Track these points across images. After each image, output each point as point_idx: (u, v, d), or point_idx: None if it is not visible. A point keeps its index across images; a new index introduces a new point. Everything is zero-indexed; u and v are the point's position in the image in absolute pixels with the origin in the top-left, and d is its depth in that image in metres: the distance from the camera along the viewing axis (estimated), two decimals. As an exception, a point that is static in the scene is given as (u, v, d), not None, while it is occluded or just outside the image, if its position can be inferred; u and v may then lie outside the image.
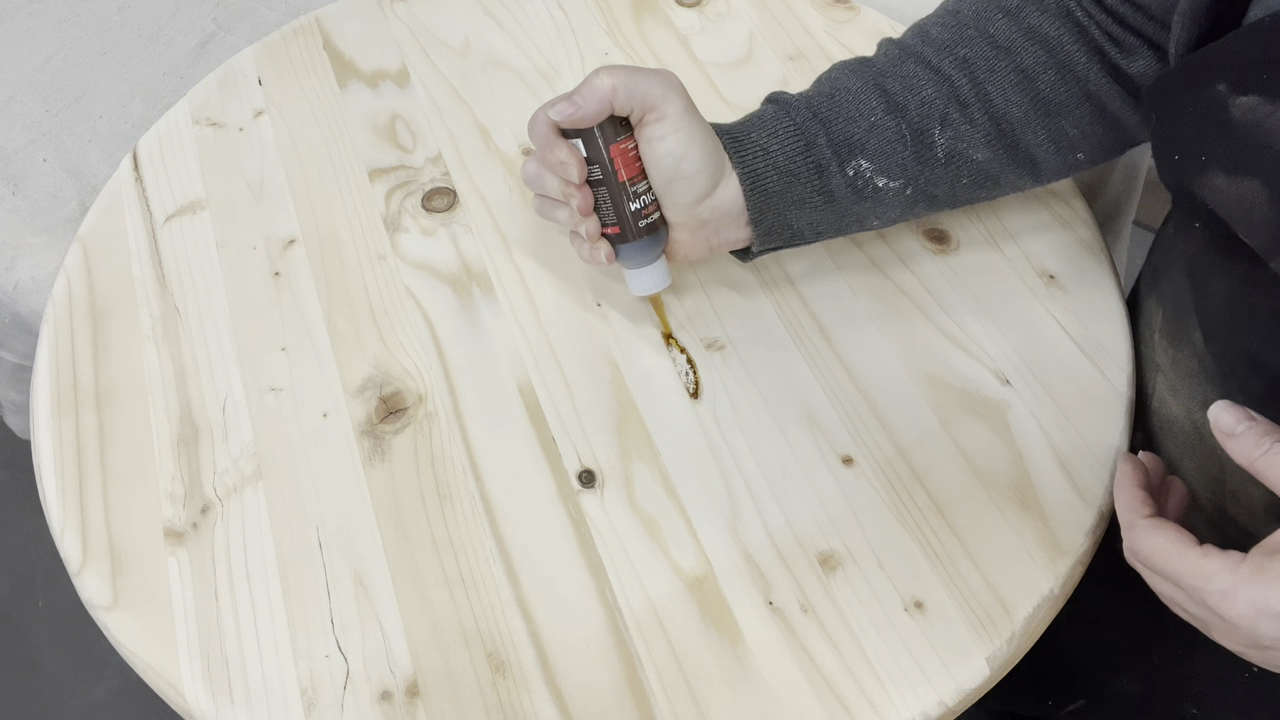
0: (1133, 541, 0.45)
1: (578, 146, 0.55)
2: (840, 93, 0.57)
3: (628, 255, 0.58)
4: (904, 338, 0.62)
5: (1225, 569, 0.41)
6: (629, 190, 0.56)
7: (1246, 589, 0.40)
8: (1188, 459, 0.54)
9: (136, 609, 0.54)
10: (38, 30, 1.01)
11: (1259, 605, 0.39)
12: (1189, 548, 0.42)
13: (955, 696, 0.50)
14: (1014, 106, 0.56)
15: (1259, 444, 0.41)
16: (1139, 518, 0.45)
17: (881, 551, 0.54)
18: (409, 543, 0.55)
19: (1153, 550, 0.43)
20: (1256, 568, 0.40)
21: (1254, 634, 0.40)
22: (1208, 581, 0.41)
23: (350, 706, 0.50)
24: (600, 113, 0.54)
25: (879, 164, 0.56)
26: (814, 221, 0.58)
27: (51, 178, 0.91)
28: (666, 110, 0.54)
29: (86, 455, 0.59)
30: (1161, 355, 0.55)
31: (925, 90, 0.56)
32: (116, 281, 0.66)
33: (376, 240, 0.68)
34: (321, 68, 0.77)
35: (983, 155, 0.57)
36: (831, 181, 0.56)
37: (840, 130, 0.56)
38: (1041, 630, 0.53)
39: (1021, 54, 0.56)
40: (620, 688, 0.51)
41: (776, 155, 0.56)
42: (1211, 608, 0.41)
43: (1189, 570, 0.42)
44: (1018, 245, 0.66)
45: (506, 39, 0.79)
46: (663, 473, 0.57)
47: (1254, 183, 0.41)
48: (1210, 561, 0.41)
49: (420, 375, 0.61)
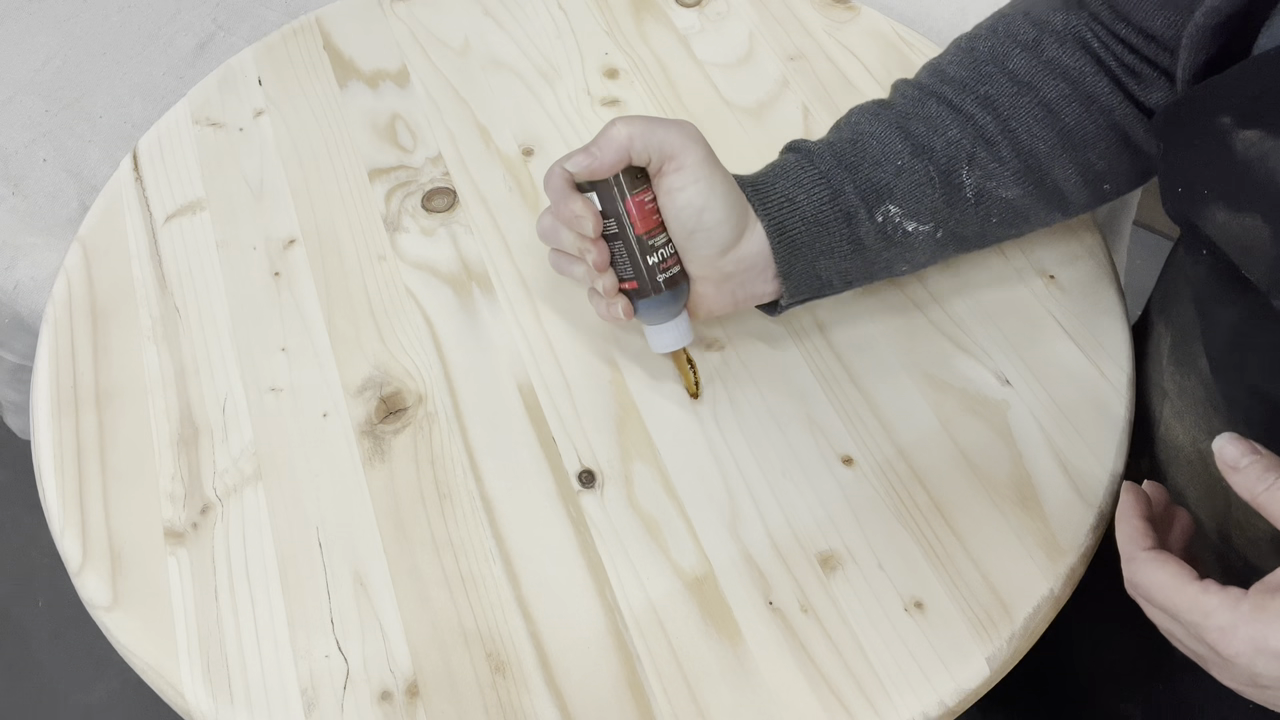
0: (1132, 574, 0.44)
1: (593, 200, 0.54)
2: (863, 138, 0.56)
3: (647, 311, 0.56)
4: (904, 338, 0.62)
5: (1225, 606, 0.40)
6: (646, 244, 0.54)
7: (1246, 627, 0.39)
8: (1192, 488, 0.54)
9: (136, 609, 0.54)
10: (38, 30, 1.01)
11: (1258, 643, 0.39)
12: (1189, 583, 0.42)
13: (955, 696, 0.50)
14: (1040, 141, 0.55)
15: (1262, 479, 0.41)
16: (1139, 549, 0.44)
17: (881, 551, 0.54)
18: (409, 543, 0.55)
19: (1152, 584, 0.43)
20: (1257, 606, 0.39)
21: (1252, 672, 0.40)
22: (1207, 618, 0.40)
23: (350, 706, 0.50)
24: (617, 163, 0.53)
25: (908, 208, 0.55)
26: (843, 271, 0.57)
27: (51, 178, 0.91)
28: (686, 160, 0.53)
29: (86, 455, 0.59)
30: (1169, 381, 0.55)
31: (950, 131, 0.55)
32: (116, 281, 0.66)
33: (376, 240, 0.68)
34: (321, 68, 0.77)
35: (1011, 193, 0.56)
36: (860, 229, 0.55)
37: (867, 176, 0.55)
38: (1042, 630, 0.53)
39: (1044, 88, 0.55)
40: (620, 688, 0.51)
41: (803, 205, 0.55)
42: (1210, 644, 0.40)
43: (1188, 605, 0.41)
44: (1018, 246, 0.66)
45: (506, 39, 0.79)
46: (663, 473, 0.57)
47: (1255, 219, 0.40)
48: (1210, 598, 0.41)
49: (420, 375, 0.61)
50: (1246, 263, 0.42)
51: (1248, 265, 0.42)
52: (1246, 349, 0.46)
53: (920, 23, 0.90)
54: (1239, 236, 0.42)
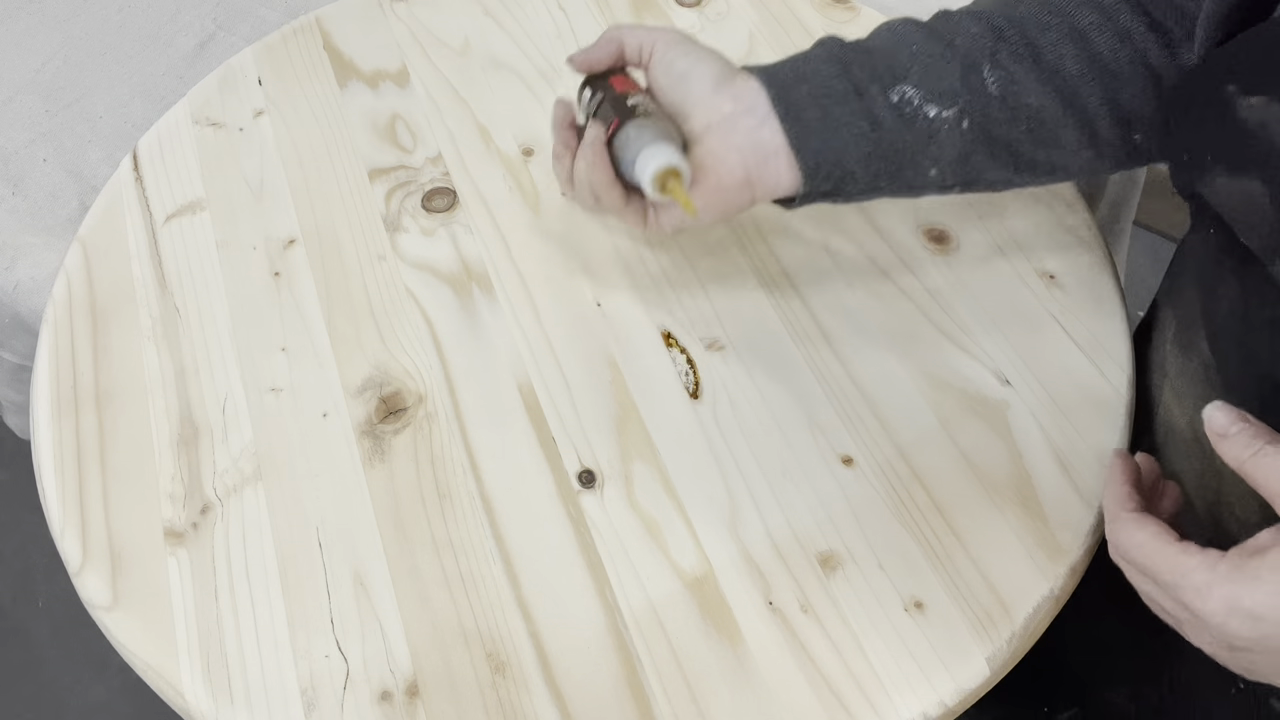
0: (1114, 534, 0.45)
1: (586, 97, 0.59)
2: (878, 33, 0.55)
3: (626, 141, 0.54)
4: (904, 338, 0.62)
5: (1203, 566, 0.40)
6: (626, 98, 0.56)
7: (1221, 586, 0.40)
8: (1187, 471, 0.54)
9: (136, 609, 0.54)
10: (38, 30, 1.01)
11: (1231, 603, 0.39)
12: (1168, 543, 0.42)
13: (955, 696, 0.50)
14: (1069, 61, 0.53)
15: (1249, 445, 0.41)
16: (1123, 510, 0.45)
17: (881, 551, 0.54)
18: (409, 543, 0.55)
19: (1132, 543, 0.43)
20: (1234, 566, 0.40)
21: (1225, 631, 0.40)
22: (1184, 577, 0.41)
23: (350, 706, 0.50)
24: (610, 55, 0.58)
25: (926, 89, 0.53)
26: (864, 158, 0.54)
27: (51, 178, 0.91)
28: (672, 41, 0.56)
29: (86, 455, 0.59)
30: (1170, 364, 0.55)
31: (971, 29, 0.54)
32: (116, 281, 0.66)
33: (376, 240, 0.68)
34: (321, 68, 0.77)
35: (1037, 100, 0.53)
36: (875, 105, 0.53)
37: (881, 58, 0.54)
38: (1042, 630, 0.53)
39: (1077, 15, 0.53)
40: (620, 688, 0.51)
41: (811, 78, 0.54)
42: (1185, 603, 0.41)
43: (1167, 565, 0.42)
44: (1018, 245, 0.66)
45: (506, 39, 0.79)
46: (663, 473, 0.57)
47: (1254, 183, 0.41)
48: (1188, 558, 0.41)
49: (420, 375, 0.61)
50: (1245, 229, 0.42)
51: (1246, 232, 0.42)
52: (1246, 326, 0.46)
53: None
54: (1239, 202, 0.42)
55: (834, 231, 0.66)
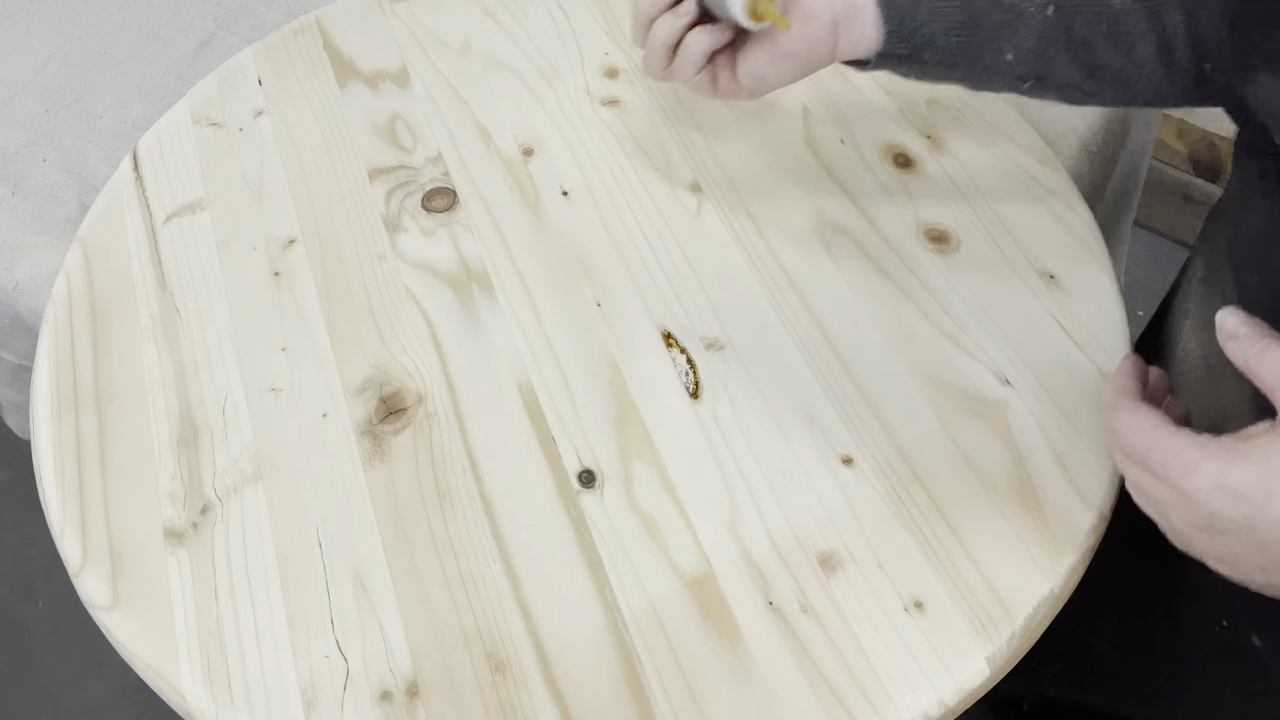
0: (1111, 419, 0.46)
1: None
2: None
3: None
4: (904, 338, 0.62)
5: (1193, 444, 0.41)
6: None
7: (1209, 462, 0.40)
8: (1194, 403, 0.55)
9: (136, 609, 0.54)
10: (38, 30, 1.01)
11: (1218, 478, 0.40)
12: (1164, 425, 0.43)
13: (955, 696, 0.50)
14: None
15: (1256, 343, 0.42)
16: (1124, 399, 0.46)
17: (881, 551, 0.54)
18: (409, 543, 0.55)
19: (1127, 426, 0.44)
20: (1224, 446, 0.41)
21: (1208, 510, 0.40)
22: (1175, 454, 0.42)
23: (350, 706, 0.50)
24: None
25: None
26: (948, 29, 0.55)
27: (51, 178, 0.91)
28: None
29: (86, 455, 0.59)
30: (1194, 301, 0.55)
31: None
32: (116, 281, 0.66)
33: (376, 240, 0.68)
34: (321, 68, 0.77)
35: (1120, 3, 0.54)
36: None
37: None
38: (1042, 630, 0.53)
39: None
40: (620, 688, 0.51)
41: None
42: (1173, 482, 0.42)
43: (1159, 444, 0.42)
44: (1018, 245, 0.66)
45: (506, 39, 0.79)
46: (663, 473, 0.57)
47: None
48: (1181, 438, 0.42)
49: (420, 375, 0.61)
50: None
51: None
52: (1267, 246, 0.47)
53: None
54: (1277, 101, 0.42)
55: (834, 231, 0.66)
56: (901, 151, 0.70)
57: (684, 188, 0.69)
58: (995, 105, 0.72)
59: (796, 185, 0.69)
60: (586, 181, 0.70)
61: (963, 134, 0.71)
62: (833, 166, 0.70)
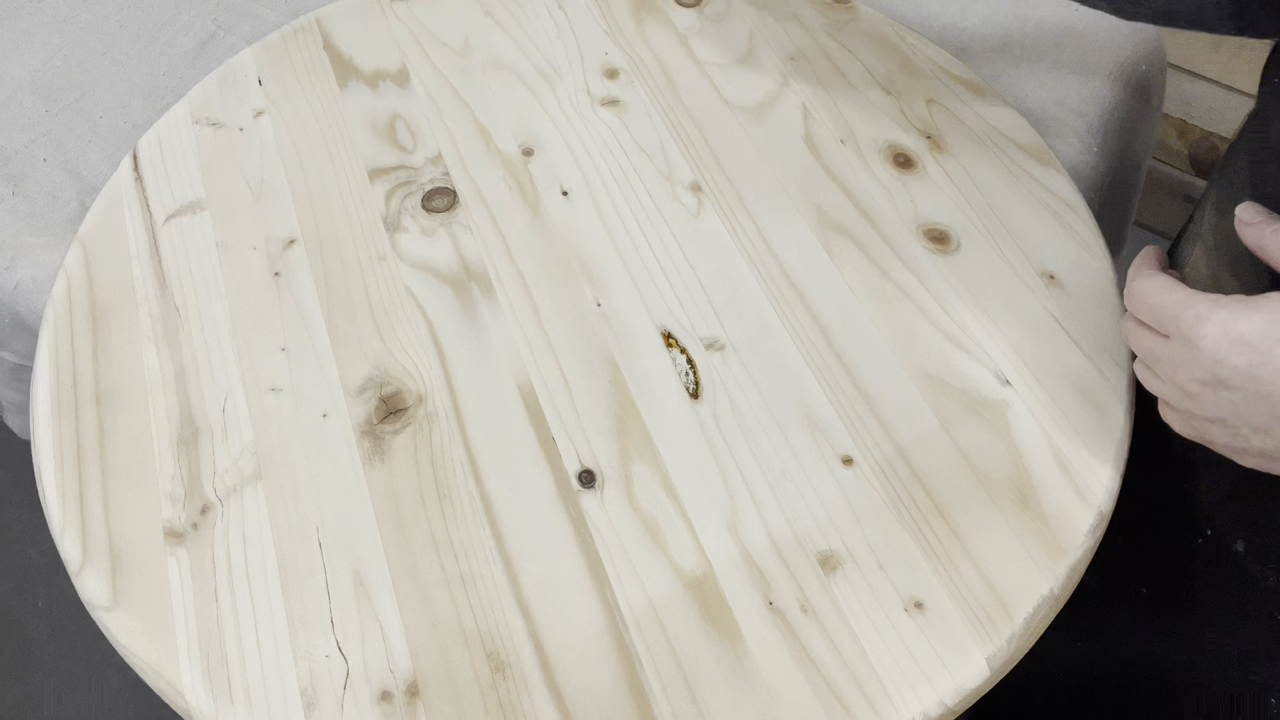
0: (1131, 287, 0.47)
1: None
2: None
3: None
4: (904, 338, 0.62)
5: (1208, 299, 0.43)
6: None
7: (1220, 311, 0.42)
8: None
9: (136, 609, 0.54)
10: (38, 30, 1.01)
11: (1227, 326, 0.41)
12: (1180, 286, 0.45)
13: (955, 696, 0.50)
14: None
15: (1268, 225, 0.44)
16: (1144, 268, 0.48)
17: (881, 551, 0.54)
18: (409, 543, 0.55)
19: (1147, 287, 0.46)
20: (1237, 299, 0.42)
21: (1216, 359, 0.41)
22: (1188, 307, 0.43)
23: (350, 707, 0.50)
24: None
25: None
26: None
27: (51, 178, 0.91)
28: None
29: (86, 455, 0.59)
30: (1207, 226, 0.56)
31: None
32: (116, 281, 0.66)
33: (376, 240, 0.68)
34: (321, 68, 0.77)
35: None
36: None
37: None
38: (1042, 630, 0.53)
39: None
40: (620, 688, 0.51)
41: None
42: (1184, 332, 0.43)
43: (1175, 300, 0.44)
44: (1018, 245, 0.66)
45: (506, 39, 0.79)
46: (663, 473, 0.57)
47: None
48: (1196, 295, 0.44)
49: (420, 375, 0.61)
50: None
51: None
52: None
53: (920, 23, 0.90)
54: None
55: (834, 232, 0.66)
56: (901, 151, 0.70)
57: (684, 188, 0.69)
58: (995, 105, 0.73)
59: (796, 185, 0.69)
60: (586, 181, 0.70)
61: (963, 134, 0.71)
62: (833, 166, 0.70)
